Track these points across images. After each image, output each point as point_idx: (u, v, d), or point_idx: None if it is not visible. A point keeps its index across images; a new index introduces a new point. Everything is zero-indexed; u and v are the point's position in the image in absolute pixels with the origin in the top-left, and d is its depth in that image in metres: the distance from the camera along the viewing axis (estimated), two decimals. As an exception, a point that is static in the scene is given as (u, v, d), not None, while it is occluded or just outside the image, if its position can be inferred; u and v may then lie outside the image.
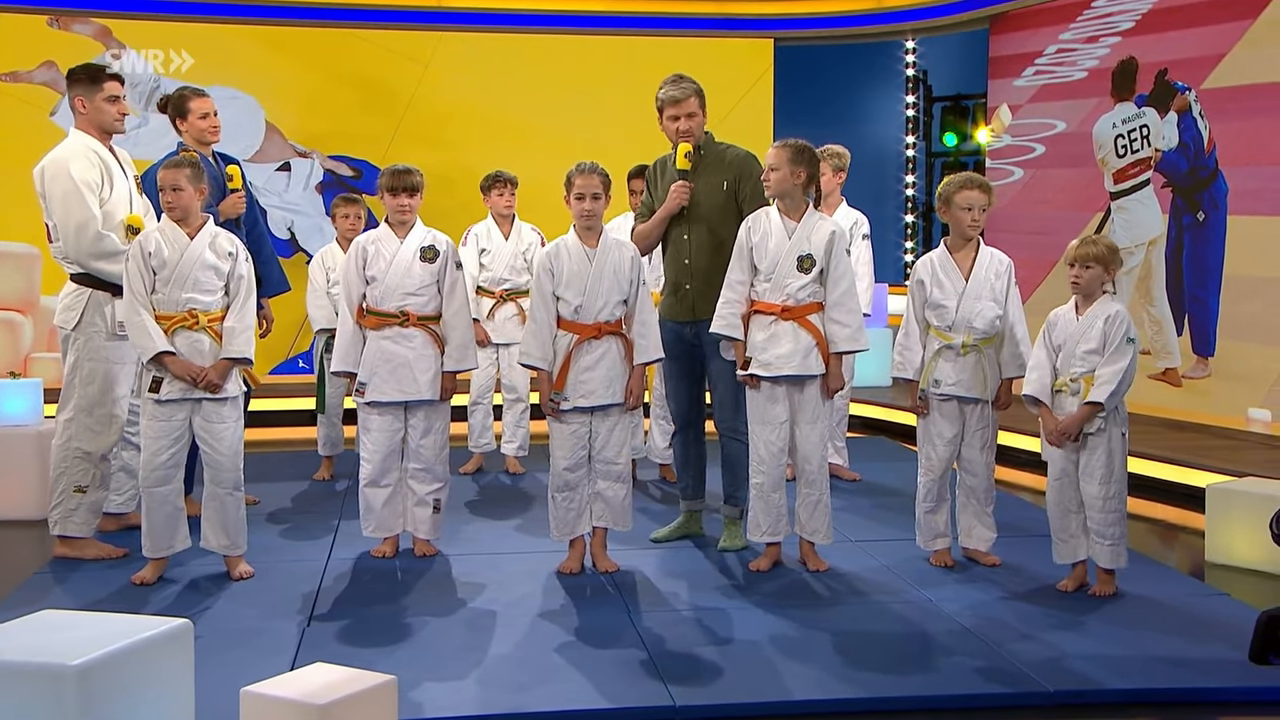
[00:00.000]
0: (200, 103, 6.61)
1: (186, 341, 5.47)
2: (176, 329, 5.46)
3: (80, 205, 5.79)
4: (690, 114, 6.08)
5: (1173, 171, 8.97)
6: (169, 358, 5.41)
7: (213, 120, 6.62)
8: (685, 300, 6.09)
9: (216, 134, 6.66)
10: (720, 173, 6.11)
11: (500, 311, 7.79)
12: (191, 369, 5.45)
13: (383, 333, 5.89)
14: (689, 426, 6.28)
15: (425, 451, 5.97)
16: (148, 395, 5.47)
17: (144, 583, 5.54)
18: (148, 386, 5.45)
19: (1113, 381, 5.28)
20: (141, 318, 5.41)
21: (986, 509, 5.92)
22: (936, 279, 5.81)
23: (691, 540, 6.33)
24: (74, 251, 5.81)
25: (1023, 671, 4.55)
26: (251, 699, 3.44)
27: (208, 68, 10.67)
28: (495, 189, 7.85)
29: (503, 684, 4.45)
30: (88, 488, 5.92)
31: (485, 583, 5.66)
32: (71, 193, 5.79)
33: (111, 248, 5.80)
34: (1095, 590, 5.48)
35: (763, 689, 4.44)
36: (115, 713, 3.37)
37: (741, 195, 6.08)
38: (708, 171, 6.11)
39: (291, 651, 4.73)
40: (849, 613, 5.26)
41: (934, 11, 11.21)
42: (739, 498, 6.14)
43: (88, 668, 3.29)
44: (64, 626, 3.60)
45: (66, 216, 5.81)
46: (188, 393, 5.47)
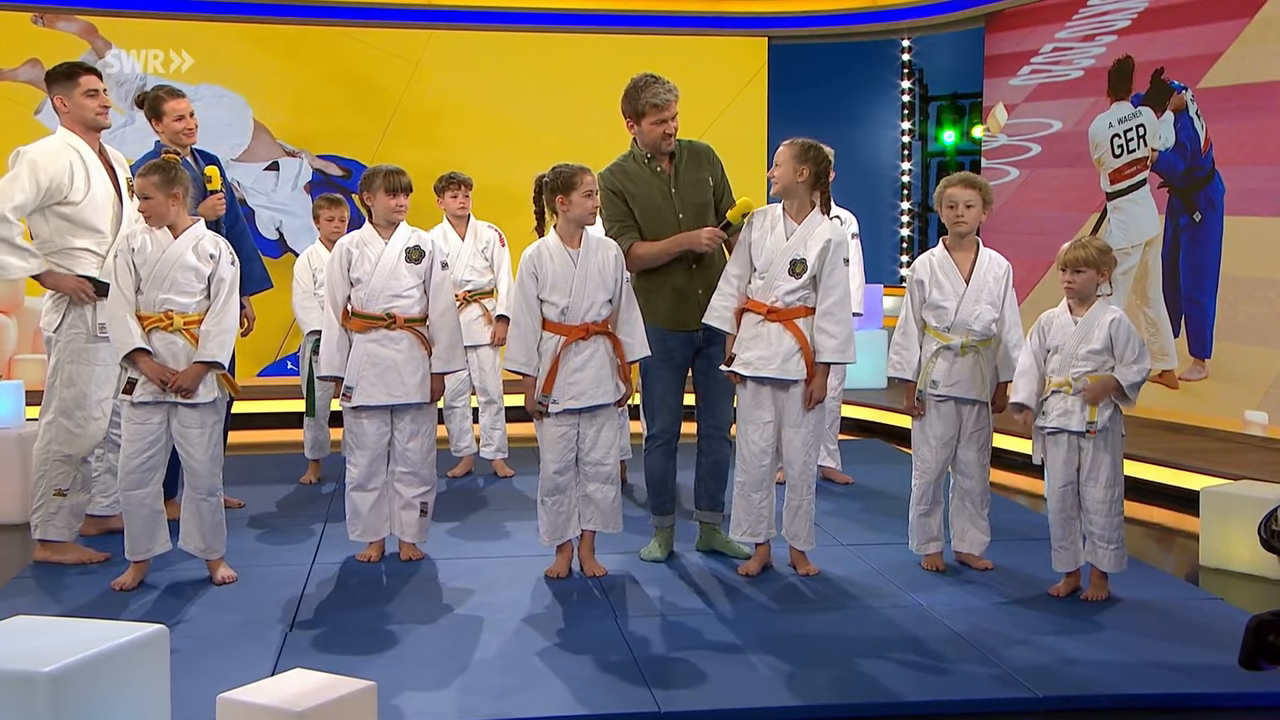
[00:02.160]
0: (176, 104, 6.49)
1: (162, 343, 5.39)
2: (153, 329, 5.38)
3: (15, 188, 5.71)
4: (675, 116, 5.94)
5: (1169, 171, 8.91)
6: (142, 357, 5.33)
7: (188, 122, 6.50)
8: (693, 308, 5.88)
9: (192, 135, 6.53)
10: (699, 169, 6.02)
11: (465, 313, 7.49)
12: (164, 372, 5.36)
13: (369, 335, 5.80)
14: (673, 439, 6.12)
15: (412, 455, 5.90)
16: (122, 396, 5.40)
17: (124, 588, 5.47)
18: (123, 388, 5.38)
19: (1143, 375, 5.25)
20: (123, 313, 5.33)
21: (981, 512, 5.85)
22: (936, 279, 5.74)
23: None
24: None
25: (1013, 677, 4.49)
26: (228, 705, 3.38)
27: (195, 66, 10.61)
28: (449, 190, 7.68)
29: (485, 690, 4.38)
30: (68, 491, 5.85)
31: (471, 587, 5.59)
32: (17, 176, 5.73)
33: (4, 233, 5.70)
34: (1088, 595, 5.41)
35: (749, 694, 4.37)
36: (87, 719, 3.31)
37: (718, 187, 6.00)
38: (688, 169, 6.01)
39: (272, 658, 4.65)
40: (839, 617, 5.19)
41: (929, 10, 11.16)
42: (723, 501, 6.07)
43: (61, 674, 3.24)
44: (37, 632, 3.54)
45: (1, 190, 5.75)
46: (160, 396, 5.39)
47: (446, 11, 11.30)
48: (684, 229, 5.88)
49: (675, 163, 5.98)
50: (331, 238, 7.61)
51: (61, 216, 5.81)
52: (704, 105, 11.55)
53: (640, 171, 5.97)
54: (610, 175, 5.98)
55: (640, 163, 5.98)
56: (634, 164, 5.99)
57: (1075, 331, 5.34)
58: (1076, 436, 5.35)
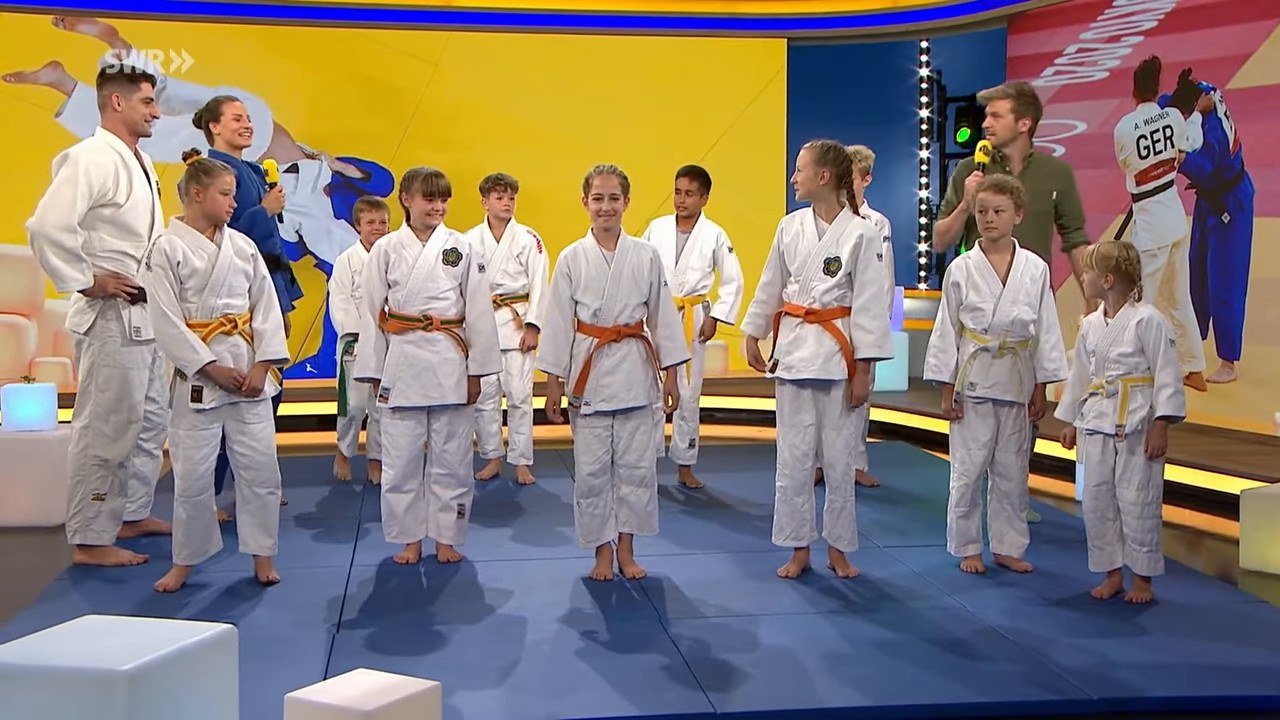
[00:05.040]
0: (233, 105, 6.64)
1: (226, 347, 5.39)
2: (214, 336, 5.36)
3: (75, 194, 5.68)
4: (996, 114, 6.49)
5: (1197, 173, 8.88)
6: (213, 367, 5.32)
7: (245, 122, 6.64)
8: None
9: (248, 137, 6.67)
10: (1040, 183, 6.40)
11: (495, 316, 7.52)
12: (235, 375, 5.37)
13: (406, 337, 5.80)
14: None
15: (449, 456, 5.88)
16: (190, 406, 5.35)
17: (168, 590, 5.45)
18: (189, 397, 5.33)
19: (1174, 384, 5.22)
20: (179, 330, 5.28)
21: (1020, 514, 5.84)
22: (972, 281, 5.74)
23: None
24: (36, 224, 5.66)
25: (1065, 679, 4.47)
26: (296, 705, 3.36)
27: (214, 68, 10.60)
28: (495, 192, 7.69)
29: (539, 690, 4.37)
30: (106, 494, 5.83)
31: (511, 589, 5.57)
32: (69, 179, 5.70)
33: (70, 244, 5.67)
34: (1131, 597, 5.40)
35: (801, 695, 4.35)
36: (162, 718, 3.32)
37: (1062, 202, 6.50)
38: (1033, 180, 6.32)
39: (323, 658, 4.65)
40: (883, 619, 5.17)
41: (949, 11, 11.15)
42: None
43: (138, 673, 3.24)
44: (109, 632, 3.55)
45: (52, 195, 5.71)
46: (227, 399, 5.39)
47: (465, 13, 11.32)
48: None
49: (1024, 170, 6.46)
50: (372, 239, 7.61)
51: (104, 219, 5.80)
52: (723, 106, 11.58)
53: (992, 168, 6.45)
54: (959, 166, 6.83)
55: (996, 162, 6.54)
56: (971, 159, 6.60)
57: (1107, 333, 5.34)
58: (1111, 438, 5.34)
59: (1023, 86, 6.58)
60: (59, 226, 5.64)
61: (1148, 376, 5.27)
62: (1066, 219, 6.51)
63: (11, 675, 3.27)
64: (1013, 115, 6.45)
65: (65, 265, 5.67)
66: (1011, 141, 6.51)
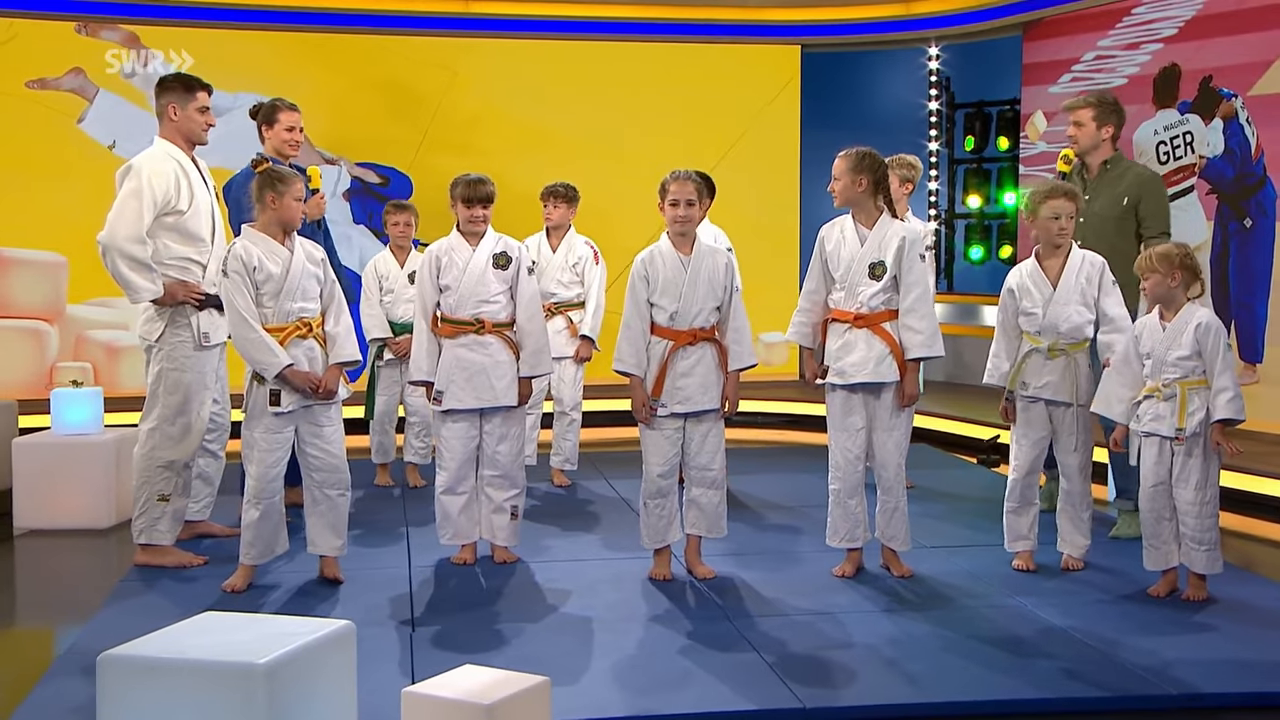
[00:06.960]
0: (290, 115, 6.68)
1: (302, 351, 5.46)
2: (290, 339, 5.42)
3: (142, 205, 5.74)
4: (1079, 123, 6.57)
5: (1218, 178, 8.99)
6: (290, 371, 5.38)
7: (296, 135, 6.70)
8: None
9: (297, 148, 6.72)
10: (1114, 187, 6.49)
11: (549, 325, 7.56)
12: (312, 378, 5.43)
13: (458, 340, 5.86)
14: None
15: (502, 458, 5.94)
16: (269, 409, 5.40)
17: (235, 590, 5.50)
18: (267, 400, 5.39)
19: (1232, 388, 5.29)
20: (259, 334, 5.35)
21: (1082, 514, 5.91)
22: (1025, 288, 5.86)
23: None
24: (106, 237, 5.72)
25: (1139, 675, 4.54)
26: (414, 700, 3.42)
27: (233, 74, 10.58)
28: (549, 202, 7.74)
29: (632, 687, 4.43)
30: (171, 495, 5.88)
31: (571, 589, 5.63)
32: (135, 192, 5.75)
33: (141, 255, 5.73)
34: (1188, 595, 5.47)
35: (889, 692, 4.42)
36: (295, 710, 3.38)
37: (1137, 208, 6.49)
38: (1109, 185, 6.50)
39: (407, 655, 4.72)
40: (946, 616, 5.25)
41: (963, 18, 11.23)
42: (1130, 492, 6.10)
43: (274, 666, 3.31)
44: (233, 628, 3.61)
45: (120, 208, 5.76)
46: (303, 402, 5.44)
47: (484, 20, 11.34)
48: (1082, 233, 6.21)
49: (1099, 176, 6.60)
50: (399, 242, 7.67)
51: (167, 227, 5.86)
52: (738, 113, 11.65)
53: (1073, 178, 6.64)
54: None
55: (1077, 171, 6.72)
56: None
57: (1164, 337, 5.41)
58: (1169, 440, 5.42)
59: (1104, 94, 6.67)
60: (129, 238, 5.70)
61: (1204, 380, 5.35)
62: (1144, 225, 6.50)
63: (151, 668, 3.34)
64: (1095, 123, 6.53)
65: (137, 276, 5.72)
66: (1094, 149, 6.59)
